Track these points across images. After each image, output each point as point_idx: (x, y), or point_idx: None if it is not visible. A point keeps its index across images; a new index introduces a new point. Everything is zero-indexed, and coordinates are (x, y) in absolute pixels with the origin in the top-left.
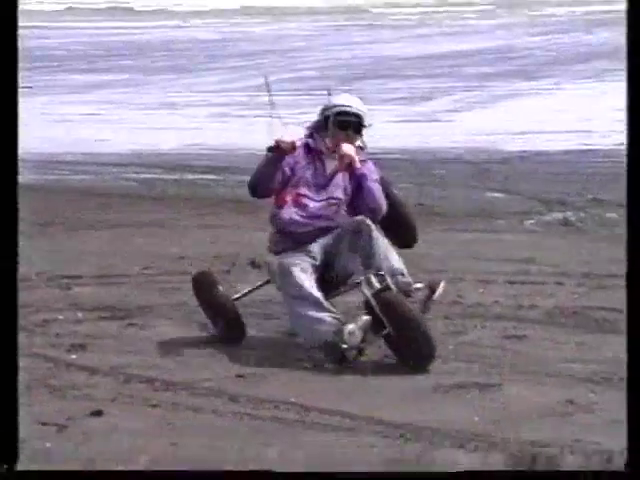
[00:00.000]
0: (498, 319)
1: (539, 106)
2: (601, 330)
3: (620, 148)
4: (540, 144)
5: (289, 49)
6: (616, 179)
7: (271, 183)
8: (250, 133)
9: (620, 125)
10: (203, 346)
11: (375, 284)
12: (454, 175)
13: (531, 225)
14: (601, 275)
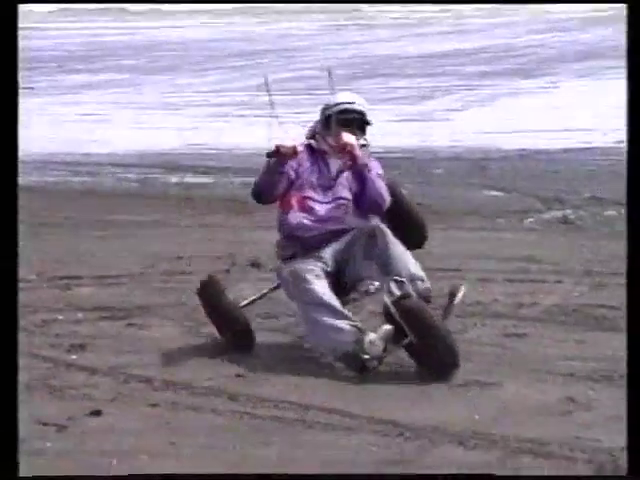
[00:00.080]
0: (498, 317)
1: (538, 104)
2: (601, 328)
3: (619, 146)
4: (539, 142)
5: (288, 48)
6: (615, 177)
7: (275, 189)
8: (250, 133)
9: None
10: (202, 345)
11: (395, 291)
12: (454, 174)
13: (530, 223)
14: (601, 273)
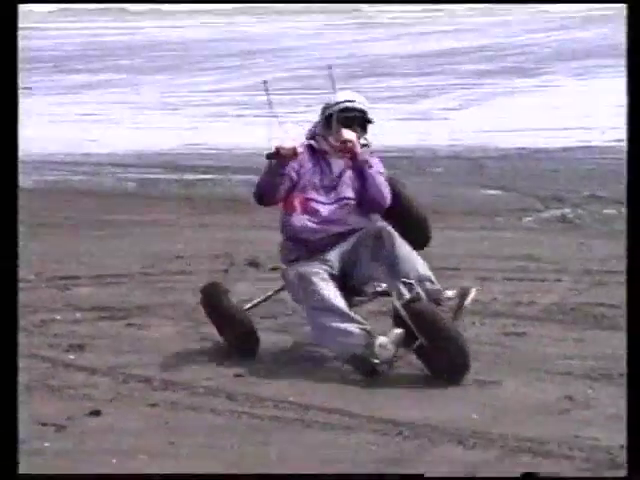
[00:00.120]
0: (497, 316)
1: (537, 103)
2: (600, 326)
3: (618, 144)
4: (538, 141)
5: (285, 48)
6: (614, 175)
7: (277, 191)
8: (248, 132)
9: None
10: (201, 345)
11: (404, 293)
12: (453, 173)
13: (529, 222)
14: (599, 271)
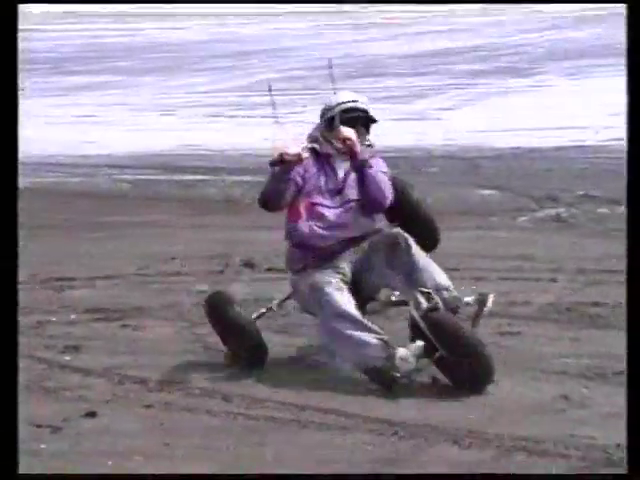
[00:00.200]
0: (492, 316)
1: (531, 103)
2: (595, 325)
3: (611, 144)
4: (532, 141)
5: (279, 49)
6: (608, 175)
7: (283, 197)
8: (243, 133)
9: (611, 121)
10: (197, 346)
11: (422, 303)
12: (448, 173)
13: (524, 222)
14: (594, 271)
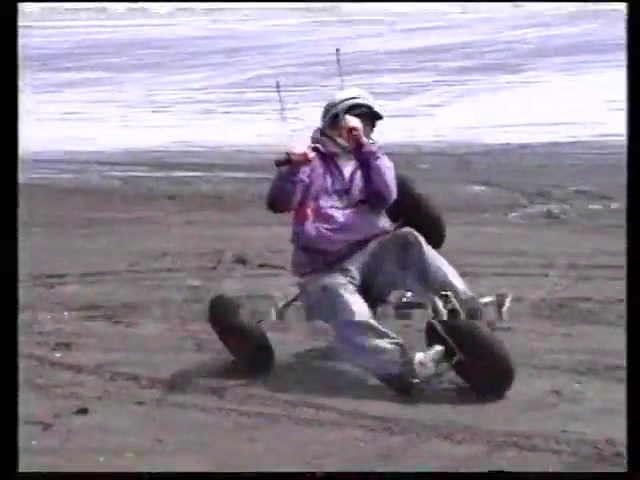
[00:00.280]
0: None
1: (521, 99)
2: (586, 321)
3: (603, 139)
4: (522, 137)
5: (271, 45)
6: (599, 170)
7: (290, 198)
8: (236, 129)
9: (603, 117)
10: (189, 343)
11: (440, 307)
12: (438, 169)
13: (515, 218)
14: (586, 266)
